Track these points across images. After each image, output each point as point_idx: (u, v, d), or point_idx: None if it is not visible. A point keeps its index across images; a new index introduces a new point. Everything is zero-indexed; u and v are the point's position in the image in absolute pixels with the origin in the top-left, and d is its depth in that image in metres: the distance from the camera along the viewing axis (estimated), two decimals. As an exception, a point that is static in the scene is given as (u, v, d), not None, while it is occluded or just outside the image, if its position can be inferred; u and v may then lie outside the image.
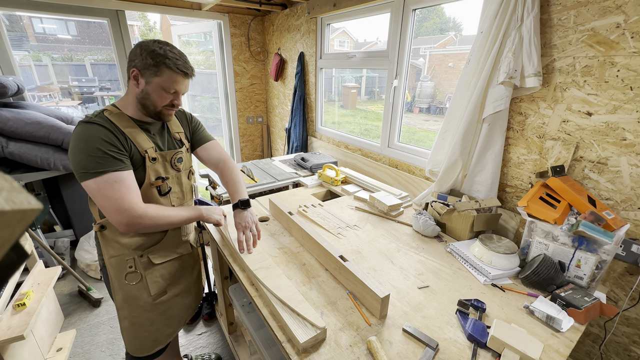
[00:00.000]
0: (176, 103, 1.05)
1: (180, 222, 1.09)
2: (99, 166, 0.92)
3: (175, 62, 0.98)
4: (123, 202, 0.94)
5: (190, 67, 1.04)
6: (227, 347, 1.85)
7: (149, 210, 0.99)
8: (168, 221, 1.05)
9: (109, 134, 0.95)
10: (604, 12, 1.05)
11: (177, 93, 1.03)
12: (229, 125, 3.53)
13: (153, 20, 17.20)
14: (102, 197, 0.93)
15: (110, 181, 0.93)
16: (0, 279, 0.22)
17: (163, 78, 0.98)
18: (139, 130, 1.04)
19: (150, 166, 1.05)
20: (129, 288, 1.12)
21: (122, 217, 0.95)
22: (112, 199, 0.93)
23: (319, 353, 0.82)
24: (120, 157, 0.97)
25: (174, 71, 0.98)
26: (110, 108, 1.03)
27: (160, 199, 1.10)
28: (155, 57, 0.96)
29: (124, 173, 0.96)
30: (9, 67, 2.38)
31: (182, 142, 1.20)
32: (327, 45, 2.58)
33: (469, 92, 1.39)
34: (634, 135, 1.06)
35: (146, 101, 1.02)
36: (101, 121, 0.96)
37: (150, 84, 0.99)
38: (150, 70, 0.97)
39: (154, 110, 1.03)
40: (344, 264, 1.04)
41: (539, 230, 1.15)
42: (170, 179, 1.13)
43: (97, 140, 0.93)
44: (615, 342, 1.24)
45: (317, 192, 1.93)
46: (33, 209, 0.20)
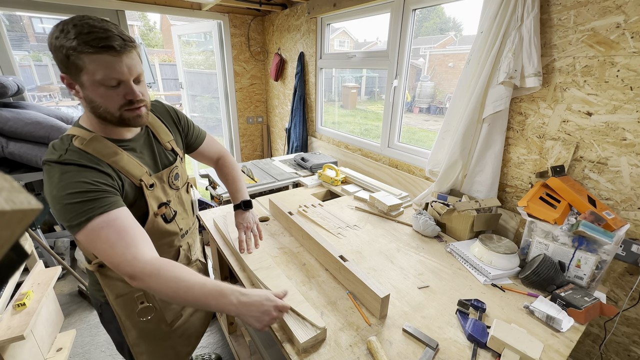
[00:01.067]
0: (132, 98, 0.76)
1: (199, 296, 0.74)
2: (79, 215, 0.71)
3: (88, 37, 0.67)
4: (115, 251, 0.71)
5: (118, 34, 0.70)
6: (227, 347, 1.85)
7: (161, 269, 0.73)
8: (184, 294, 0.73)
9: (89, 172, 0.74)
10: (604, 12, 1.05)
11: (123, 82, 0.74)
12: (229, 125, 3.53)
13: (153, 20, 17.21)
14: (95, 251, 0.73)
15: (95, 229, 0.71)
16: (0, 279, 0.22)
17: (88, 69, 0.69)
18: (124, 155, 0.82)
19: (150, 194, 0.87)
20: (143, 324, 0.98)
21: (122, 272, 0.72)
22: (103, 251, 0.72)
23: (319, 353, 0.82)
24: (106, 194, 0.74)
25: (93, 52, 0.67)
26: (79, 132, 0.79)
27: (167, 226, 0.95)
28: (61, 46, 0.67)
29: (112, 213, 0.73)
30: (9, 67, 2.38)
31: (174, 151, 1.00)
32: (327, 45, 2.57)
33: (469, 92, 1.39)
34: (634, 135, 1.06)
35: (98, 110, 0.76)
36: (76, 158, 0.74)
37: (84, 86, 0.72)
38: (71, 66, 0.69)
39: (113, 117, 0.77)
40: (344, 264, 1.04)
41: (539, 230, 1.15)
42: (172, 201, 0.96)
43: (74, 183, 0.71)
44: (615, 342, 1.24)
45: (317, 192, 1.93)
46: (33, 209, 0.20)
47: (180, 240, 1.03)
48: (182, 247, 1.06)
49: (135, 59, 0.75)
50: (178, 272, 0.74)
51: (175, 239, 1.00)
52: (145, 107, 0.81)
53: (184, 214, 1.04)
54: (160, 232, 0.93)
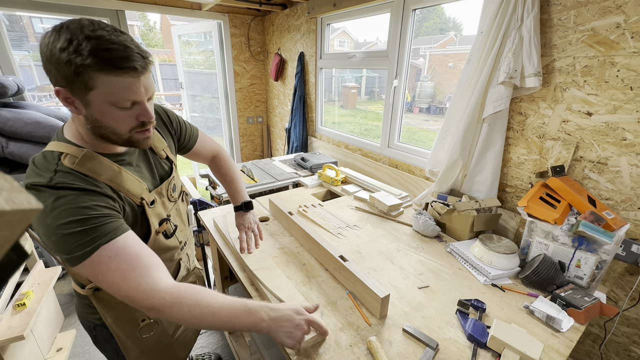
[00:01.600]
0: (145, 119, 0.68)
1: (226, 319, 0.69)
2: (82, 246, 0.62)
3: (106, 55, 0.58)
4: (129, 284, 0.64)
5: (137, 51, 0.62)
6: (227, 347, 1.85)
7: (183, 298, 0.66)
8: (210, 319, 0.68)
9: (88, 196, 0.65)
10: (604, 12, 1.05)
11: (138, 103, 0.66)
12: (229, 125, 3.53)
13: (153, 20, 17.21)
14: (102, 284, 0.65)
15: (103, 260, 0.63)
16: (1, 279, 0.22)
17: (101, 90, 0.60)
18: (122, 172, 0.73)
19: (151, 212, 0.81)
20: (145, 341, 0.95)
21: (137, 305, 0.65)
22: (114, 284, 0.64)
23: (319, 353, 0.82)
24: (110, 220, 0.66)
25: (112, 72, 0.59)
26: (67, 148, 0.68)
27: (167, 242, 0.90)
28: (69, 60, 0.56)
29: (119, 240, 0.66)
30: (9, 67, 2.38)
31: (169, 159, 0.93)
32: (327, 45, 2.57)
33: (469, 92, 1.39)
34: (634, 135, 1.06)
35: (101, 131, 0.67)
36: (70, 181, 0.64)
37: (90, 105, 0.62)
38: (77, 83, 0.59)
39: (119, 138, 0.69)
40: (344, 264, 1.04)
41: (539, 230, 1.15)
42: (171, 215, 0.92)
43: (72, 210, 0.62)
44: (615, 342, 1.24)
45: (317, 192, 1.93)
46: (33, 209, 0.20)
47: (180, 253, 0.99)
48: (182, 260, 1.04)
49: (150, 77, 0.67)
50: (201, 298, 0.68)
51: (176, 252, 0.97)
52: (153, 126, 0.74)
53: (182, 226, 0.99)
54: (161, 249, 0.87)
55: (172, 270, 1.00)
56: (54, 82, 0.61)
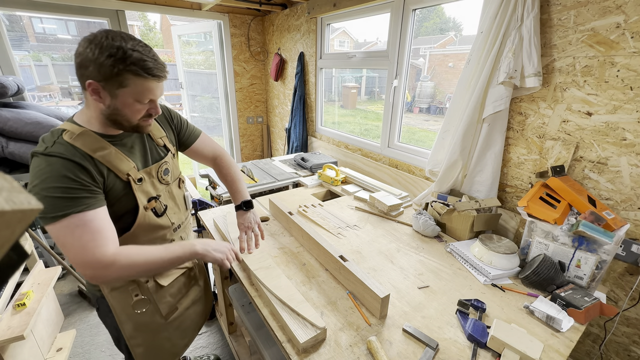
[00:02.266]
0: (154, 112, 0.87)
1: (165, 265, 0.89)
2: (57, 209, 0.74)
3: (143, 65, 0.77)
4: (85, 251, 0.76)
5: (162, 64, 0.83)
6: (227, 347, 1.85)
7: (119, 258, 0.80)
8: (146, 268, 0.84)
9: (73, 167, 0.77)
10: (604, 12, 1.05)
11: (152, 101, 0.85)
12: (229, 125, 3.53)
13: (153, 20, 17.22)
14: (62, 246, 0.76)
15: (70, 226, 0.75)
16: (0, 279, 0.22)
17: (131, 88, 0.78)
18: (112, 150, 0.85)
19: (137, 188, 0.90)
20: (138, 317, 1.01)
21: (85, 269, 0.77)
22: (72, 248, 0.76)
23: (319, 353, 0.82)
24: (86, 194, 0.78)
25: (144, 77, 0.78)
26: (71, 127, 0.82)
27: (158, 220, 0.97)
28: (115, 62, 0.74)
29: (89, 213, 0.77)
30: (9, 67, 2.38)
31: (166, 147, 1.05)
32: (327, 45, 2.58)
33: (469, 92, 1.39)
34: (634, 135, 1.06)
35: (116, 117, 0.83)
36: (62, 151, 0.77)
37: (116, 97, 0.79)
38: (113, 81, 0.76)
39: (129, 125, 0.85)
40: (344, 264, 1.04)
41: (539, 230, 1.15)
42: (162, 195, 0.99)
43: (56, 177, 0.75)
44: (615, 342, 1.24)
45: (317, 192, 1.93)
46: (33, 209, 0.20)
47: (172, 234, 1.05)
48: (175, 241, 1.07)
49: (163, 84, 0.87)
50: (132, 256, 0.82)
51: (167, 232, 1.02)
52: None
53: (176, 209, 1.06)
54: (151, 226, 0.96)
55: None
56: (89, 77, 0.75)
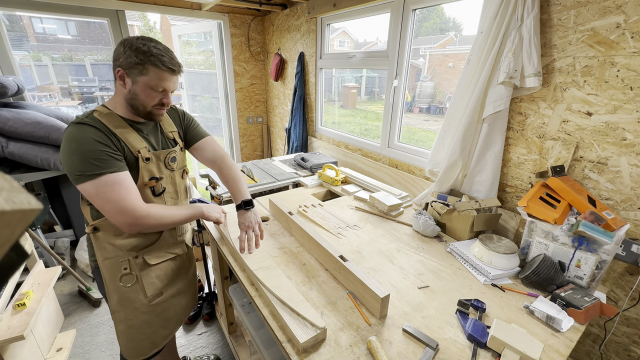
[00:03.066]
0: (166, 102, 1.02)
1: (183, 220, 1.08)
2: (95, 168, 0.89)
3: (160, 59, 0.94)
4: (125, 203, 0.93)
5: (177, 62, 1.00)
6: (227, 347, 1.85)
7: (152, 210, 0.98)
8: (171, 220, 1.04)
9: (101, 135, 0.93)
10: (604, 12, 1.05)
11: (165, 91, 1.00)
12: (229, 125, 3.53)
13: (153, 20, 17.21)
14: (103, 200, 0.91)
15: (109, 183, 0.91)
16: (0, 279, 0.22)
17: (149, 76, 0.95)
18: (130, 130, 1.01)
19: (143, 166, 1.03)
20: (124, 290, 1.10)
21: (126, 217, 0.93)
22: (113, 201, 0.91)
23: (319, 353, 0.82)
24: (116, 157, 0.95)
25: (160, 68, 0.95)
26: (100, 109, 1.00)
27: (154, 199, 1.08)
28: (139, 54, 0.92)
29: (121, 174, 0.94)
30: (9, 67, 2.38)
31: (175, 141, 1.18)
32: (327, 45, 2.57)
33: (469, 92, 1.39)
34: (634, 135, 1.06)
35: (134, 101, 0.99)
36: (92, 122, 0.93)
37: (137, 84, 0.96)
38: (136, 69, 0.94)
39: (144, 110, 1.01)
40: (344, 264, 1.04)
41: (539, 230, 1.15)
42: (164, 179, 1.11)
43: (90, 141, 0.90)
44: (615, 342, 1.24)
45: (317, 192, 1.93)
46: (33, 209, 0.20)
47: None
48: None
49: (178, 80, 1.04)
50: (161, 209, 1.03)
51: None
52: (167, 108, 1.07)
53: (174, 194, 1.16)
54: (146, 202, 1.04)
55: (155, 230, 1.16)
56: (119, 66, 0.95)
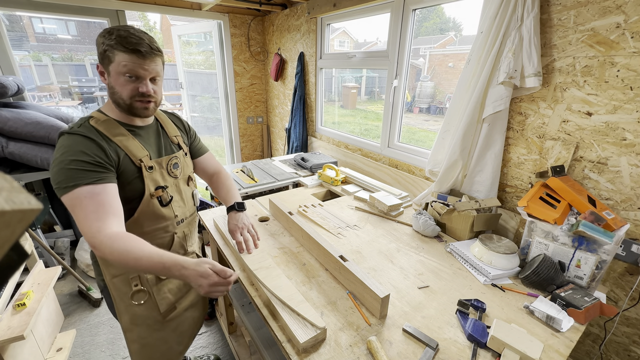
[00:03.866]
0: (143, 91, 0.90)
1: (151, 268, 0.81)
2: (70, 179, 0.81)
3: (126, 40, 0.84)
4: (86, 222, 0.80)
5: (148, 44, 0.88)
6: (227, 347, 1.85)
7: (116, 240, 0.80)
8: (135, 261, 0.80)
9: (91, 145, 0.85)
10: (604, 12, 1.05)
11: (139, 78, 0.89)
12: (229, 125, 3.53)
13: (153, 20, 17.21)
14: (73, 214, 0.82)
15: (79, 197, 0.81)
16: (0, 279, 0.22)
17: (116, 62, 0.86)
18: (130, 137, 0.94)
19: (148, 176, 0.96)
20: (136, 308, 1.02)
21: (86, 239, 0.81)
22: (78, 217, 0.81)
23: (319, 353, 0.82)
24: (99, 169, 0.85)
25: (125, 51, 0.85)
26: (97, 115, 0.93)
27: (162, 210, 1.00)
28: (106, 41, 0.85)
29: (98, 187, 0.83)
30: (9, 67, 2.38)
31: (179, 145, 1.12)
32: (327, 45, 2.57)
33: (469, 92, 1.39)
34: (634, 135, 1.06)
35: (115, 96, 0.91)
36: (84, 131, 0.87)
37: (110, 75, 0.88)
38: (106, 58, 0.87)
39: (124, 104, 0.91)
40: (344, 264, 1.04)
41: (539, 230, 1.15)
42: (169, 187, 1.03)
43: (75, 152, 0.83)
44: (615, 342, 1.24)
45: (317, 192, 1.93)
46: (33, 209, 0.20)
47: (175, 227, 1.07)
48: (177, 235, 1.08)
49: (157, 64, 0.92)
50: (130, 246, 0.80)
51: (170, 224, 1.04)
52: (154, 103, 0.96)
53: (181, 202, 1.09)
54: (155, 215, 0.99)
55: (165, 241, 1.06)
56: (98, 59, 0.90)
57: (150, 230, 0.99)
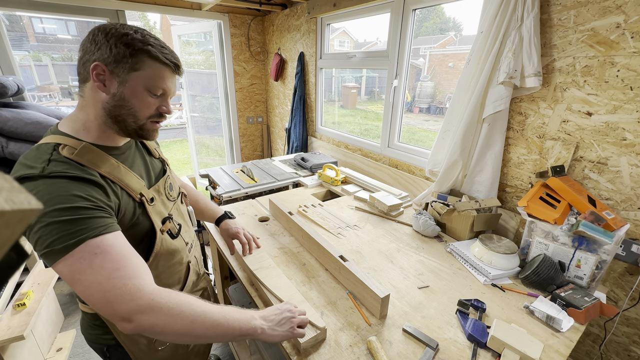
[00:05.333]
0: (166, 111, 0.75)
1: (215, 331, 0.66)
2: (68, 237, 0.58)
3: (161, 50, 0.69)
4: (111, 285, 0.59)
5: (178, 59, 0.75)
6: (227, 347, 1.85)
7: (162, 297, 0.62)
8: (192, 322, 0.64)
9: (84, 185, 0.63)
10: (604, 12, 1.05)
11: (165, 95, 0.74)
12: (229, 125, 3.53)
13: (153, 20, 17.21)
14: (79, 285, 0.59)
15: (86, 256, 0.59)
16: (0, 279, 0.22)
17: (145, 72, 0.68)
18: (120, 167, 0.73)
19: (152, 210, 0.79)
20: (161, 353, 0.90)
21: (115, 312, 0.59)
22: (93, 284, 0.58)
23: (319, 353, 0.82)
24: (103, 214, 0.64)
25: (161, 62, 0.69)
26: (65, 140, 0.67)
27: (175, 243, 0.87)
28: (130, 43, 0.66)
29: (109, 237, 0.62)
30: (9, 67, 2.38)
31: (161, 159, 0.94)
32: (327, 45, 2.57)
33: (469, 92, 1.39)
34: (634, 135, 1.06)
35: (120, 111, 0.69)
36: (67, 170, 0.62)
37: (126, 84, 0.68)
38: (125, 62, 0.66)
39: (135, 124, 0.72)
40: (344, 264, 1.04)
41: (539, 230, 1.15)
42: (173, 214, 0.89)
43: (63, 197, 0.59)
44: (615, 342, 1.24)
45: (317, 192, 1.93)
46: (33, 209, 0.20)
47: (188, 255, 0.96)
48: (191, 263, 0.99)
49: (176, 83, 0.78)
50: (190, 301, 0.65)
51: (184, 255, 0.93)
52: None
53: (186, 227, 0.96)
54: (169, 252, 0.84)
55: (182, 274, 0.95)
56: (96, 59, 0.66)
57: (165, 268, 0.85)
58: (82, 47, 0.68)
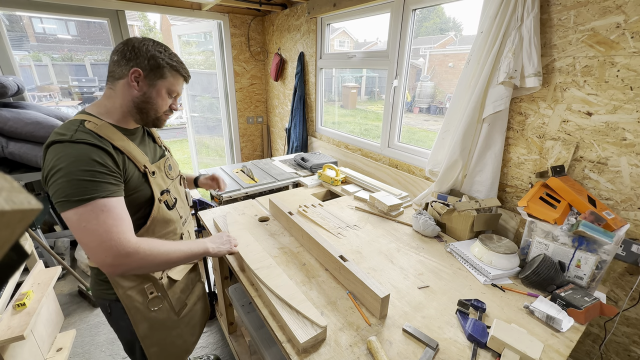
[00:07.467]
0: (174, 107, 1.01)
1: (181, 259, 0.95)
2: (84, 192, 0.76)
3: (180, 65, 0.96)
4: (110, 236, 0.78)
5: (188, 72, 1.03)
6: (227, 347, 1.85)
7: (141, 246, 0.83)
8: (164, 259, 0.90)
9: (102, 153, 0.81)
10: (604, 12, 1.05)
11: (177, 96, 1.00)
12: (229, 125, 3.53)
13: (153, 20, 17.21)
14: (83, 230, 0.76)
15: (95, 210, 0.77)
16: (0, 279, 0.22)
17: (168, 81, 0.93)
18: (130, 143, 0.92)
19: (153, 181, 0.96)
20: (153, 314, 1.03)
21: (106, 255, 0.78)
22: (96, 233, 0.77)
23: (319, 353, 0.82)
24: (113, 180, 0.82)
25: (179, 74, 0.95)
26: (91, 118, 0.86)
27: (170, 213, 1.03)
28: (159, 58, 0.91)
29: (113, 200, 0.80)
30: (9, 67, 2.38)
31: (164, 147, 1.14)
32: (327, 45, 2.57)
33: (469, 92, 1.39)
34: (634, 135, 1.06)
35: (146, 105, 0.92)
36: (89, 138, 0.80)
37: (154, 87, 0.91)
38: (155, 72, 0.90)
39: (154, 115, 0.95)
40: (344, 264, 1.04)
41: (539, 230, 1.15)
42: (170, 190, 1.06)
43: (85, 160, 0.77)
44: (615, 342, 1.24)
45: (317, 192, 1.93)
46: (33, 209, 0.20)
47: (181, 227, 1.10)
48: (184, 235, 1.13)
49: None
50: (155, 245, 0.88)
51: (178, 226, 1.08)
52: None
53: (182, 203, 1.13)
54: (165, 220, 1.01)
55: None
56: (136, 65, 0.87)
57: (161, 235, 1.01)
58: (119, 52, 0.88)
